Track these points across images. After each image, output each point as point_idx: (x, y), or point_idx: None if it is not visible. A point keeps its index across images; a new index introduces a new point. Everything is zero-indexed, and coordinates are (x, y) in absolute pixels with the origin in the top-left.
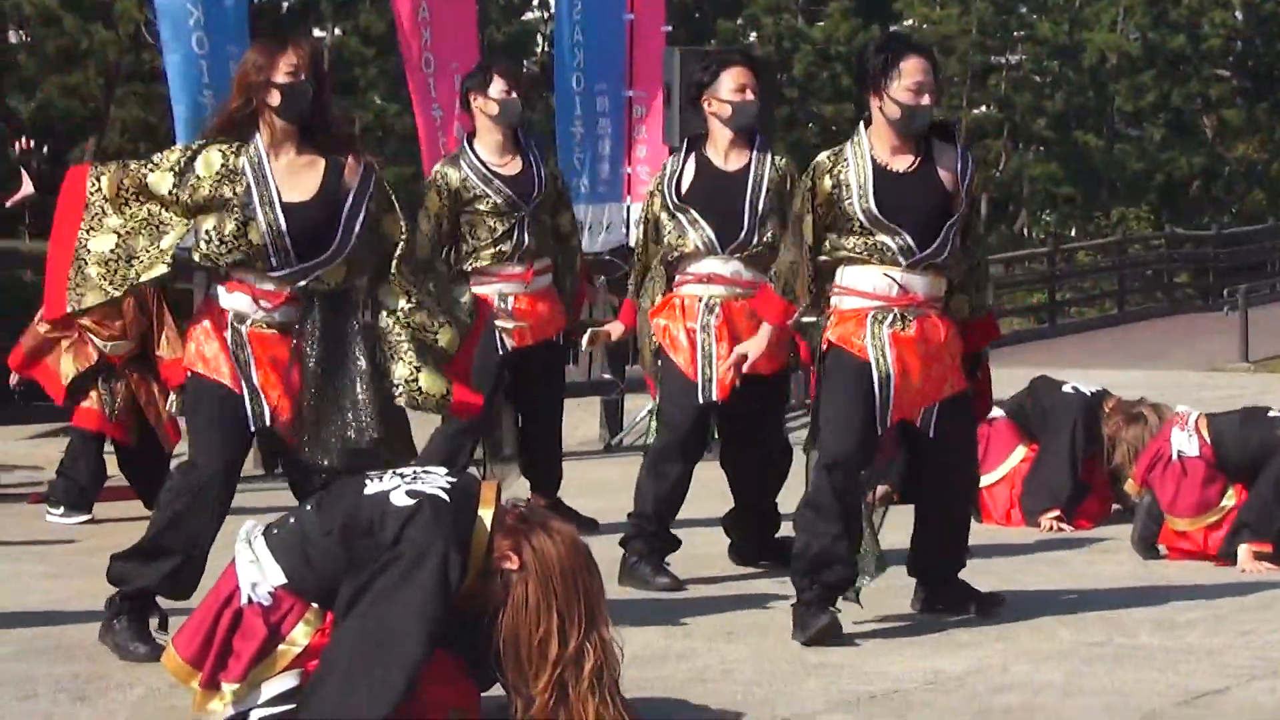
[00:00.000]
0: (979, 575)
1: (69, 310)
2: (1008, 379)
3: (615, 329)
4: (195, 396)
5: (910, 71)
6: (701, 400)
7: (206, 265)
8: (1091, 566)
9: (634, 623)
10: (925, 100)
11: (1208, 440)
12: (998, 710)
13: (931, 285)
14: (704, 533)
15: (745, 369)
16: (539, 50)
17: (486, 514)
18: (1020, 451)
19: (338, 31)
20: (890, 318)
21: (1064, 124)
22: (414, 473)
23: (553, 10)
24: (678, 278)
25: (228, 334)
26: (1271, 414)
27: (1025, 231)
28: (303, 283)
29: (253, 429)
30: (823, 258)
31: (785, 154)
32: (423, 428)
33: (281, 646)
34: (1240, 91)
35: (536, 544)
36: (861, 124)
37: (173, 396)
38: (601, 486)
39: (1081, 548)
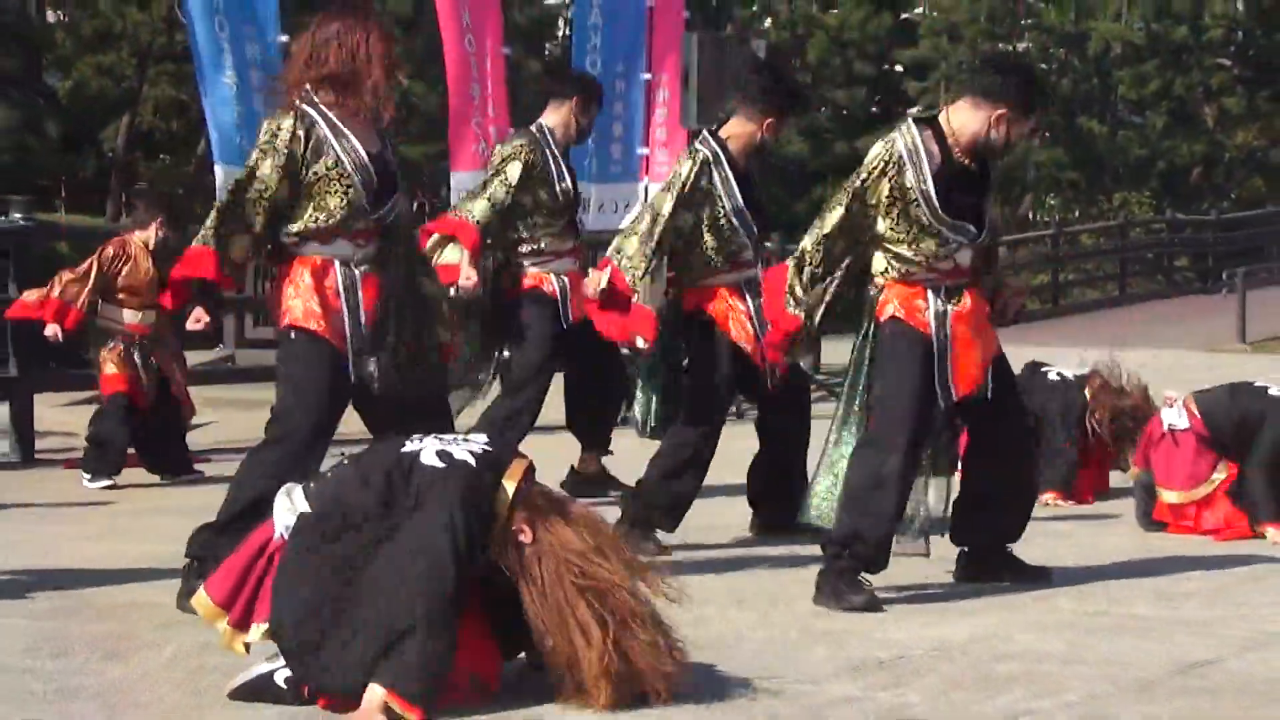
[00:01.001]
0: None
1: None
2: (1010, 358)
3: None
4: (297, 354)
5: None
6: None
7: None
8: (1093, 540)
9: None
10: None
11: (1197, 414)
12: (1000, 678)
13: (972, 259)
14: (717, 502)
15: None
16: (560, 34)
17: (510, 485)
18: None
19: None
20: (942, 292)
21: (1069, 111)
22: (453, 439)
23: None
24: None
25: (336, 279)
26: (1257, 384)
27: (1030, 215)
28: (390, 217)
29: (353, 380)
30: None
31: (799, 137)
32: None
33: None
34: (1241, 80)
35: (553, 527)
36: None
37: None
38: (618, 455)
39: (1083, 521)
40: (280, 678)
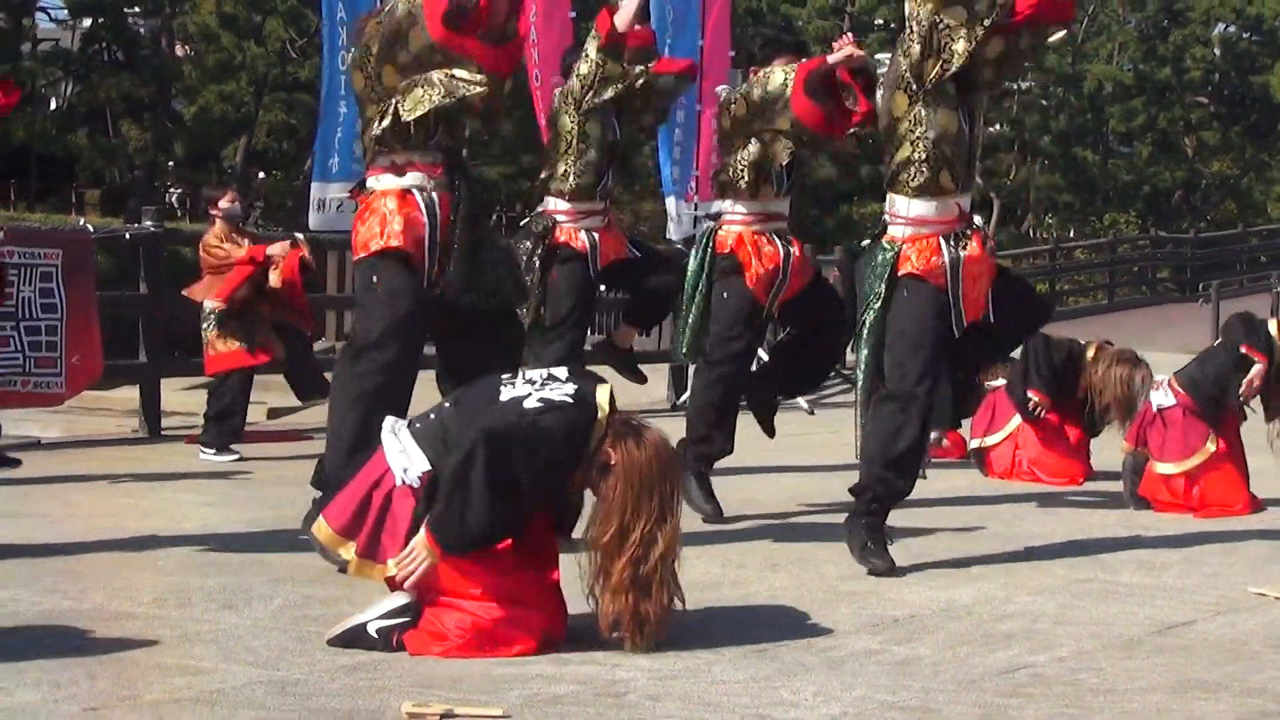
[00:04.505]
0: (985, 522)
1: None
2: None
3: None
4: (380, 269)
5: None
6: (764, 318)
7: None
8: (1082, 515)
9: (695, 555)
10: None
11: (1180, 390)
12: (1000, 635)
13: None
14: (755, 478)
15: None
16: None
17: (602, 417)
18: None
19: None
20: (952, 239)
21: (1066, 141)
22: (542, 379)
23: None
24: (740, 215)
25: (418, 201)
26: (1219, 342)
27: (1030, 232)
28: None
29: (424, 287)
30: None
31: (829, 162)
32: None
33: None
34: (1217, 116)
35: (629, 448)
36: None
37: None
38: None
39: (1074, 500)
40: (372, 628)
